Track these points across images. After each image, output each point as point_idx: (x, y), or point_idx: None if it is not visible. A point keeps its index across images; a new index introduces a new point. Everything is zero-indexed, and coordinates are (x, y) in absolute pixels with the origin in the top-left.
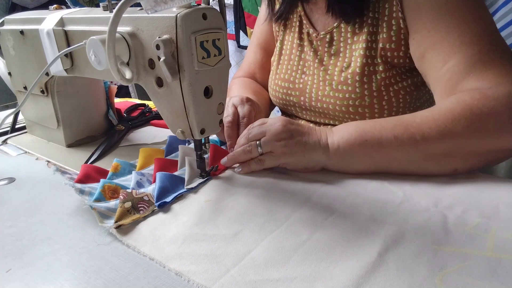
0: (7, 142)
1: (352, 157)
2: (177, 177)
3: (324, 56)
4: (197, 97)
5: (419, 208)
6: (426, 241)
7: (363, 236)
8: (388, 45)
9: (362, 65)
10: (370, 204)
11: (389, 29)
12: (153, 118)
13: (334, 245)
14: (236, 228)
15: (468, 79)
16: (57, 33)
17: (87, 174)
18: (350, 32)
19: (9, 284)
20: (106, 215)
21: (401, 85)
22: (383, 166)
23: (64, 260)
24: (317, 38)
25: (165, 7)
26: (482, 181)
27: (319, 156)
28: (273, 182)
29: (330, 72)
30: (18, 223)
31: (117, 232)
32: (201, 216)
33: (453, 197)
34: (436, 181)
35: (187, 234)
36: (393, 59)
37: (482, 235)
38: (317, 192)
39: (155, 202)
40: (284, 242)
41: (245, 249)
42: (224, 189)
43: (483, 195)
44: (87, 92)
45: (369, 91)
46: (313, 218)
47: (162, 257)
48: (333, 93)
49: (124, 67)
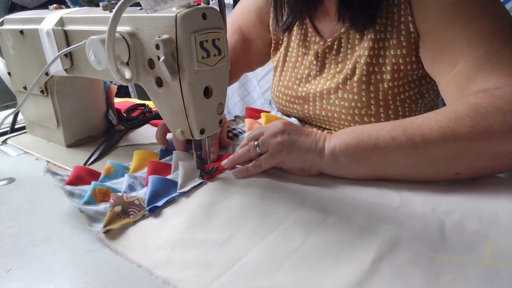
0: (7, 142)
1: (348, 159)
2: (170, 180)
3: (331, 64)
4: (197, 97)
5: (416, 213)
6: (422, 248)
7: (358, 243)
8: (399, 51)
9: (368, 73)
10: (366, 208)
11: (398, 35)
12: (153, 118)
13: (327, 252)
14: (228, 233)
15: (475, 82)
16: (57, 33)
17: (79, 176)
18: (358, 39)
19: (9, 284)
20: (95, 219)
21: (407, 94)
22: (381, 170)
23: (64, 260)
24: (323, 46)
25: (165, 7)
26: (482, 186)
27: (314, 157)
28: (268, 185)
29: (335, 80)
30: (18, 223)
31: (106, 237)
32: (192, 221)
33: (451, 203)
34: (435, 185)
35: (178, 240)
36: (405, 65)
37: (480, 243)
38: (313, 196)
39: (146, 206)
40: (276, 248)
41: (236, 255)
42: (217, 193)
43: (483, 201)
44: (87, 92)
45: (375, 100)
46: (307, 223)
47: (150, 264)
48: (338, 101)
49: (124, 67)
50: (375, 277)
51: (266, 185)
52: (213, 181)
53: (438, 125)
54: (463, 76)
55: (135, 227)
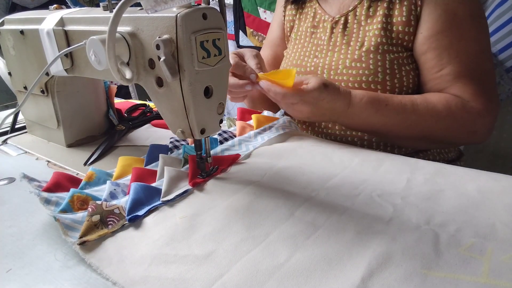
0: (7, 142)
1: (365, 104)
2: (153, 188)
3: (337, 37)
4: (197, 97)
5: (409, 225)
6: (415, 265)
7: (346, 259)
8: (405, 28)
9: (376, 44)
10: (356, 220)
11: (407, 13)
12: (154, 118)
13: (314, 269)
14: (210, 248)
15: (452, 88)
16: (57, 33)
17: (57, 182)
18: (364, 15)
19: (9, 284)
20: (72, 227)
21: (412, 66)
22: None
23: (64, 260)
24: (332, 22)
25: (165, 7)
26: (479, 197)
27: (342, 102)
28: (256, 194)
29: (343, 52)
30: (18, 223)
31: (80, 249)
32: (173, 234)
33: (446, 214)
34: (429, 195)
35: (156, 255)
36: (409, 42)
37: (477, 258)
38: (302, 207)
39: (126, 216)
40: (260, 264)
41: (216, 273)
42: (202, 202)
43: (479, 212)
44: (87, 92)
45: (382, 68)
46: (294, 237)
47: (125, 281)
48: (346, 70)
49: (124, 67)
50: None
51: (254, 194)
52: (200, 189)
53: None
54: (445, 80)
55: (113, 239)
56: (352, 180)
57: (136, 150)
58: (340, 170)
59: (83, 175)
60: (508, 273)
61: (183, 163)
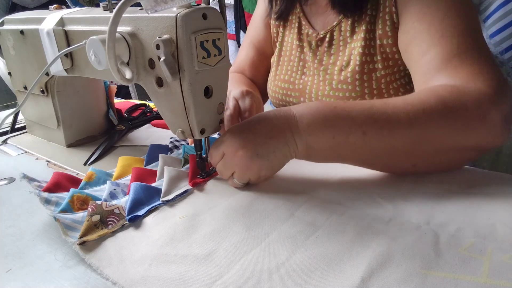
0: (7, 142)
1: (320, 153)
2: (153, 188)
3: (323, 56)
4: (197, 97)
5: (409, 225)
6: (415, 264)
7: (346, 259)
8: (385, 40)
9: (361, 63)
10: (357, 221)
11: (384, 25)
12: (154, 118)
13: (313, 269)
14: (210, 248)
15: (442, 74)
16: (57, 33)
17: (57, 182)
18: (349, 31)
19: (9, 284)
20: (72, 227)
21: (399, 82)
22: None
23: (64, 260)
24: (316, 38)
25: (165, 7)
26: (479, 197)
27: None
28: (255, 194)
29: (330, 72)
30: (18, 223)
31: (80, 249)
32: (173, 234)
33: (446, 214)
34: (430, 195)
35: (156, 255)
36: (393, 54)
37: (477, 258)
38: (302, 207)
39: (126, 216)
40: (259, 264)
41: (216, 273)
42: (202, 202)
43: (479, 213)
44: (87, 92)
45: (369, 89)
46: (294, 237)
47: (125, 281)
48: (333, 92)
49: (124, 67)
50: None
51: (254, 194)
52: (200, 189)
53: (408, 117)
54: (432, 66)
55: (113, 239)
56: (352, 180)
57: (136, 150)
58: (340, 170)
59: (83, 175)
60: (508, 273)
61: (183, 163)
